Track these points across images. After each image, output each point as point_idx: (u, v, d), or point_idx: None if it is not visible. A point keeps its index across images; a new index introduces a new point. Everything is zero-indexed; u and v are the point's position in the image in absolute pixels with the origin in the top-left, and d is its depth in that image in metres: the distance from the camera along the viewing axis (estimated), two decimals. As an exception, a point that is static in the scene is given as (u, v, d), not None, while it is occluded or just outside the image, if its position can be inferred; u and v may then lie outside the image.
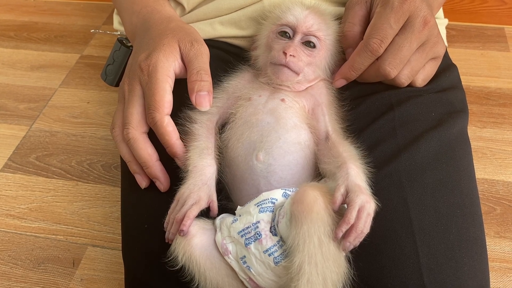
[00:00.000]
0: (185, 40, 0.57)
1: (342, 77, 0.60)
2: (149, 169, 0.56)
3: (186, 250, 0.49)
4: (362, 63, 0.58)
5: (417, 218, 0.52)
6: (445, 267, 0.50)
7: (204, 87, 0.54)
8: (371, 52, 0.56)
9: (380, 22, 0.56)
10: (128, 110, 0.56)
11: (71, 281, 0.79)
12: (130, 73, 0.58)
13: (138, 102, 0.56)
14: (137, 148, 0.55)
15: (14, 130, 1.06)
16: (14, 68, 1.23)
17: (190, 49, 0.56)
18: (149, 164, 0.55)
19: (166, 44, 0.56)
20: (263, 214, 0.49)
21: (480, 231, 0.55)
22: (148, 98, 0.54)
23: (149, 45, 0.58)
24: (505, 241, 0.79)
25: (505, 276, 0.75)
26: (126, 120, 0.56)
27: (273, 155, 0.53)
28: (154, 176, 0.56)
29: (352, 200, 0.46)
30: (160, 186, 0.56)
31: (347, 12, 0.62)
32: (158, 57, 0.55)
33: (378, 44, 0.55)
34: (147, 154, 0.55)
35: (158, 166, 0.56)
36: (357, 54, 0.57)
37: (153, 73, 0.54)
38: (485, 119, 1.02)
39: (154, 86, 0.54)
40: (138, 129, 0.55)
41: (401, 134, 0.57)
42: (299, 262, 0.44)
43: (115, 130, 0.58)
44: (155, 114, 0.53)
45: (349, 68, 0.59)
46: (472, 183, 0.59)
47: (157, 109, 0.53)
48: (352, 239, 0.45)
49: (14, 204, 0.91)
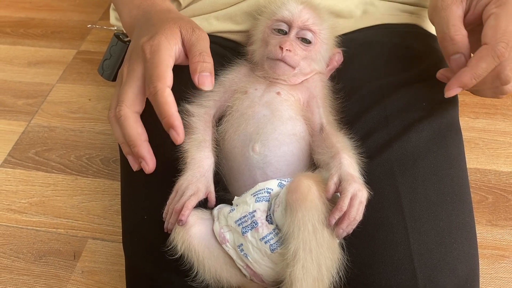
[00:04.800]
0: (187, 26, 0.57)
1: (460, 85, 0.54)
2: (137, 148, 0.55)
3: (185, 240, 0.51)
4: (486, 69, 0.52)
5: (408, 205, 0.53)
6: (435, 252, 0.52)
7: (207, 68, 0.54)
8: (499, 58, 0.52)
9: (505, 24, 0.52)
10: (123, 89, 0.55)
11: (72, 274, 0.81)
12: (131, 56, 0.58)
13: (135, 82, 0.55)
14: (127, 126, 0.54)
15: (13, 126, 1.07)
16: (12, 64, 1.23)
17: (191, 34, 0.56)
18: (137, 142, 0.54)
19: (168, 29, 0.56)
20: (259, 204, 0.50)
21: (470, 218, 0.57)
22: (151, 71, 0.53)
23: (151, 30, 0.57)
24: (497, 229, 0.81)
25: (497, 263, 0.77)
26: (120, 98, 0.55)
27: (269, 147, 0.55)
28: (140, 156, 0.55)
29: (345, 188, 0.47)
30: (145, 167, 0.55)
31: (443, 14, 0.56)
32: (161, 39, 0.55)
33: (505, 48, 0.51)
34: (136, 133, 0.54)
35: (146, 147, 0.55)
36: (481, 59, 0.52)
37: (155, 52, 0.54)
38: (478, 110, 1.03)
39: (157, 61, 0.53)
40: (131, 107, 0.55)
41: (392, 124, 0.59)
42: (294, 248, 0.46)
43: (110, 112, 0.57)
44: (157, 83, 0.52)
45: (471, 76, 0.53)
46: (463, 171, 0.60)
47: (159, 79, 0.52)
48: (345, 226, 0.47)
49: (15, 199, 0.92)
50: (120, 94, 0.56)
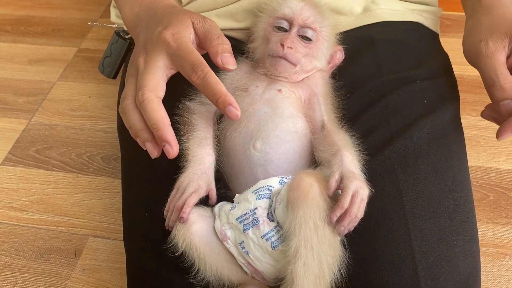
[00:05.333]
0: (197, 16, 0.57)
1: None
2: (160, 131, 0.52)
3: (186, 237, 0.51)
4: None
5: (409, 203, 0.53)
6: (437, 250, 0.52)
7: (227, 49, 0.53)
8: None
9: None
10: (144, 76, 0.53)
11: (73, 271, 0.81)
12: (148, 45, 0.56)
13: (157, 70, 0.53)
14: (150, 110, 0.52)
15: (14, 124, 1.07)
16: (12, 62, 1.24)
17: (204, 23, 0.56)
18: (161, 125, 0.51)
19: (180, 20, 0.55)
20: (260, 201, 0.50)
21: (471, 215, 0.57)
22: (186, 60, 0.52)
23: (163, 21, 0.56)
24: (498, 227, 0.81)
25: (498, 260, 0.77)
26: (142, 83, 0.53)
27: (270, 144, 0.55)
28: (165, 139, 0.52)
29: (346, 186, 0.47)
30: (169, 151, 0.52)
31: (488, 61, 0.59)
32: (179, 29, 0.54)
33: None
34: (160, 116, 0.52)
35: (170, 130, 0.52)
36: None
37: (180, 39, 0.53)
38: (479, 108, 1.02)
39: (185, 46, 0.52)
40: (154, 91, 0.52)
41: (394, 121, 0.59)
42: (295, 246, 0.46)
43: (127, 99, 0.54)
44: (203, 67, 0.51)
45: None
46: (464, 169, 0.60)
47: (201, 63, 0.51)
48: (346, 224, 0.47)
49: (15, 197, 0.93)
50: (141, 80, 0.53)
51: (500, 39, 0.60)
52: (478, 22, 0.64)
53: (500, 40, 0.60)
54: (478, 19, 0.65)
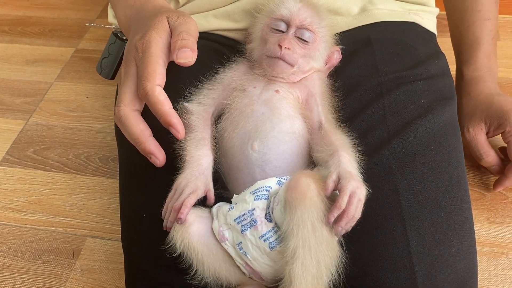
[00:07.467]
0: (173, 14, 0.57)
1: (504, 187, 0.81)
2: (142, 145, 0.53)
3: (184, 238, 0.51)
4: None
5: (406, 203, 0.54)
6: (434, 250, 0.52)
7: (186, 44, 0.53)
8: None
9: None
10: (121, 90, 0.55)
11: (72, 272, 0.81)
12: (126, 55, 0.58)
13: (131, 81, 0.55)
14: (128, 125, 0.53)
15: (11, 125, 1.07)
16: (9, 62, 1.23)
17: (176, 20, 0.56)
18: (142, 139, 0.53)
19: (157, 22, 0.56)
20: (258, 202, 0.51)
21: (468, 215, 0.57)
22: (141, 71, 0.53)
23: (143, 28, 0.58)
24: (495, 226, 0.81)
25: (495, 260, 0.77)
26: (119, 98, 0.55)
27: (268, 145, 0.55)
28: (148, 152, 0.53)
29: (344, 186, 0.47)
30: (155, 162, 0.54)
31: (473, 144, 0.79)
32: (151, 34, 0.55)
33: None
34: (139, 130, 0.53)
35: (152, 141, 0.53)
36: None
37: (146, 49, 0.54)
38: (476, 108, 1.03)
39: (147, 59, 0.53)
40: (130, 106, 0.54)
41: (391, 122, 0.59)
42: (293, 246, 0.46)
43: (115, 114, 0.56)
44: (146, 83, 0.51)
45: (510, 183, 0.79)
46: (461, 169, 0.60)
47: (148, 79, 0.52)
48: (344, 224, 0.47)
49: (13, 197, 0.92)
50: (118, 95, 0.56)
51: (477, 124, 0.78)
52: (460, 105, 0.79)
53: (477, 125, 0.78)
54: (460, 102, 0.80)
